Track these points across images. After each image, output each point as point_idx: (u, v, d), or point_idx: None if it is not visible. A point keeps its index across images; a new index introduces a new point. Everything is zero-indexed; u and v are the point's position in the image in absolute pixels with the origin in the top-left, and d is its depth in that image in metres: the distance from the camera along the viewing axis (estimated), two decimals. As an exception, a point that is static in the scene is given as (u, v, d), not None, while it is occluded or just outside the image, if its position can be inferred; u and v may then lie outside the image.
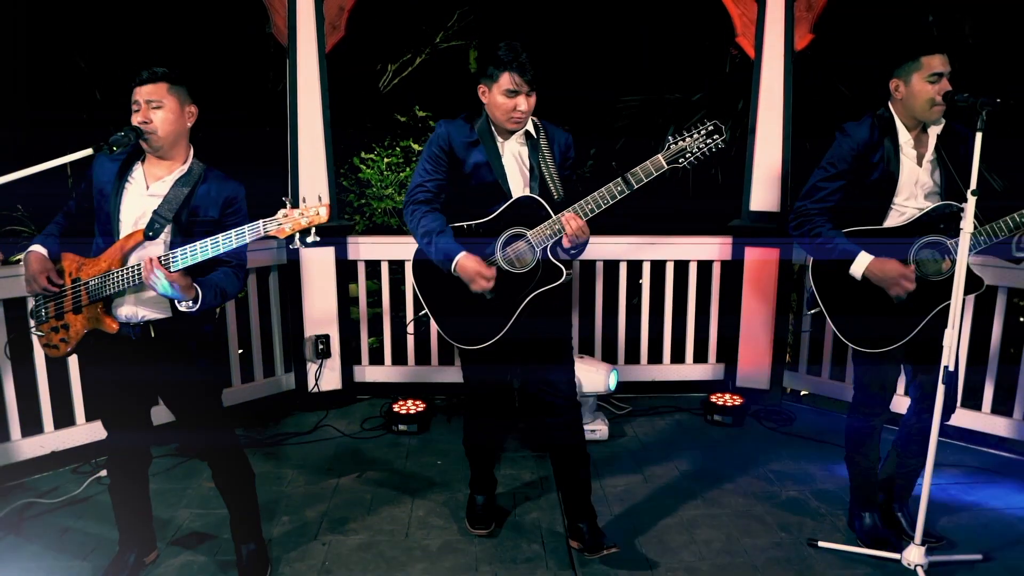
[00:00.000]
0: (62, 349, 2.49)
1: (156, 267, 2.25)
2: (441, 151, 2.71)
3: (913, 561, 2.70)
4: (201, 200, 2.50)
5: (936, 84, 2.61)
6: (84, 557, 2.93)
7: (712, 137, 2.55)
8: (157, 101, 2.40)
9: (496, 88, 2.60)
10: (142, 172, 2.50)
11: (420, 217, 2.69)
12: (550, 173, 2.72)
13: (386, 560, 2.92)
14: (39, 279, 2.43)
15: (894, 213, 2.77)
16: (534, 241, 2.63)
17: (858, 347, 2.82)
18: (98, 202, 2.50)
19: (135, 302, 2.45)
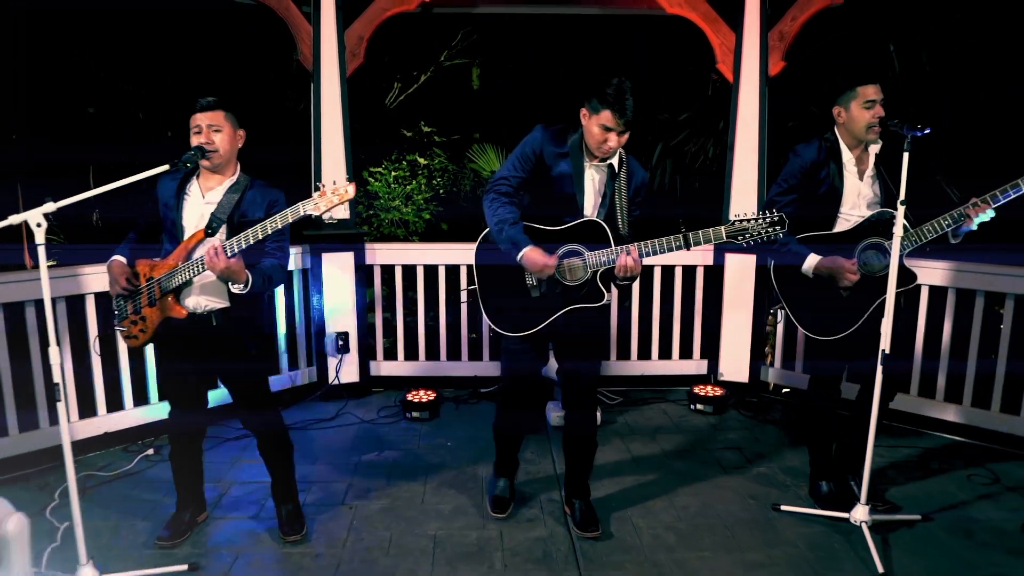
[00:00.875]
0: (140, 339, 2.95)
1: (218, 252, 2.72)
2: (532, 153, 2.96)
3: (859, 518, 3.14)
4: (249, 204, 2.97)
5: (871, 110, 3.09)
6: (144, 518, 3.37)
7: (774, 227, 2.75)
8: (217, 125, 2.88)
9: (595, 120, 2.83)
10: (197, 186, 2.98)
11: (498, 207, 2.95)
12: (621, 205, 2.96)
13: (405, 520, 3.36)
14: (120, 281, 2.90)
15: (841, 220, 3.23)
16: (589, 261, 2.90)
17: (814, 335, 3.28)
18: (164, 214, 2.97)
19: (199, 292, 2.92)
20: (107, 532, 3.23)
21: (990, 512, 3.42)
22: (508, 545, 3.15)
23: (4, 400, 3.77)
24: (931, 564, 2.99)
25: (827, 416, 3.49)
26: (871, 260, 3.17)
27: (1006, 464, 3.92)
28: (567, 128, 3.01)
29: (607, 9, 5.19)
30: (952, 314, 4.26)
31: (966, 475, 3.80)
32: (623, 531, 3.26)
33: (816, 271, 3.18)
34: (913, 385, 4.41)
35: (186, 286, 2.89)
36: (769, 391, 5.07)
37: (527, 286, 3.00)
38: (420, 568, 2.97)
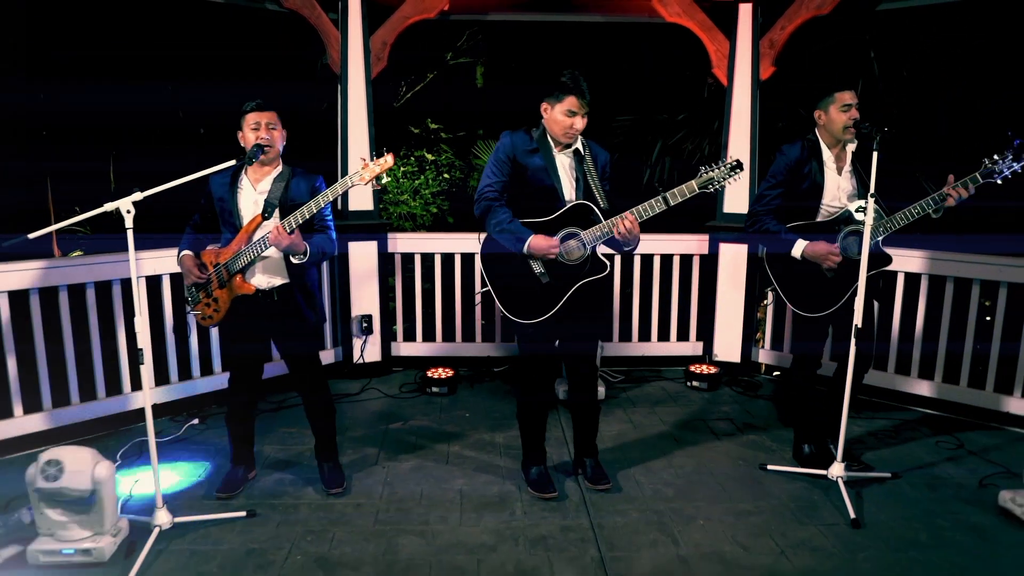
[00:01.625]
0: (215, 318, 3.37)
1: (281, 230, 3.13)
2: (507, 157, 3.30)
3: (836, 474, 3.56)
4: (295, 189, 3.37)
5: (847, 112, 3.50)
6: (198, 476, 3.78)
7: (734, 170, 3.09)
8: (273, 123, 3.29)
9: (559, 107, 3.21)
10: (247, 179, 3.38)
11: (492, 212, 3.28)
12: (595, 184, 3.31)
13: (433, 477, 3.78)
14: (193, 271, 3.32)
15: (823, 211, 3.65)
16: (586, 240, 3.23)
17: (802, 312, 3.70)
18: (220, 207, 3.38)
19: (262, 271, 3.33)
20: (168, 487, 3.63)
21: (952, 471, 3.84)
22: (526, 497, 3.57)
23: (68, 373, 4.17)
24: (896, 512, 3.41)
25: (808, 387, 3.91)
26: (851, 246, 3.58)
27: (972, 433, 4.35)
28: (528, 128, 3.38)
29: (610, 17, 5.60)
30: (926, 298, 4.68)
31: (934, 442, 4.22)
32: (627, 486, 3.68)
33: (804, 255, 3.60)
34: (890, 363, 4.83)
35: (250, 266, 3.30)
36: (761, 372, 5.48)
37: (535, 275, 3.32)
38: (450, 515, 3.39)
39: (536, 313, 3.33)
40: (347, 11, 5.04)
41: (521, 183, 3.34)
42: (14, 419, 4.00)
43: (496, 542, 3.16)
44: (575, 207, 3.30)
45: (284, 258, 3.33)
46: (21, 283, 3.95)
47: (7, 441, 3.96)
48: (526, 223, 3.30)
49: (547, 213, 3.31)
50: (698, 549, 3.11)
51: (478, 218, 3.37)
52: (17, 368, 3.97)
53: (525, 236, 3.24)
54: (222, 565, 2.98)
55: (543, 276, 3.32)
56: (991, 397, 4.46)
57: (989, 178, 3.30)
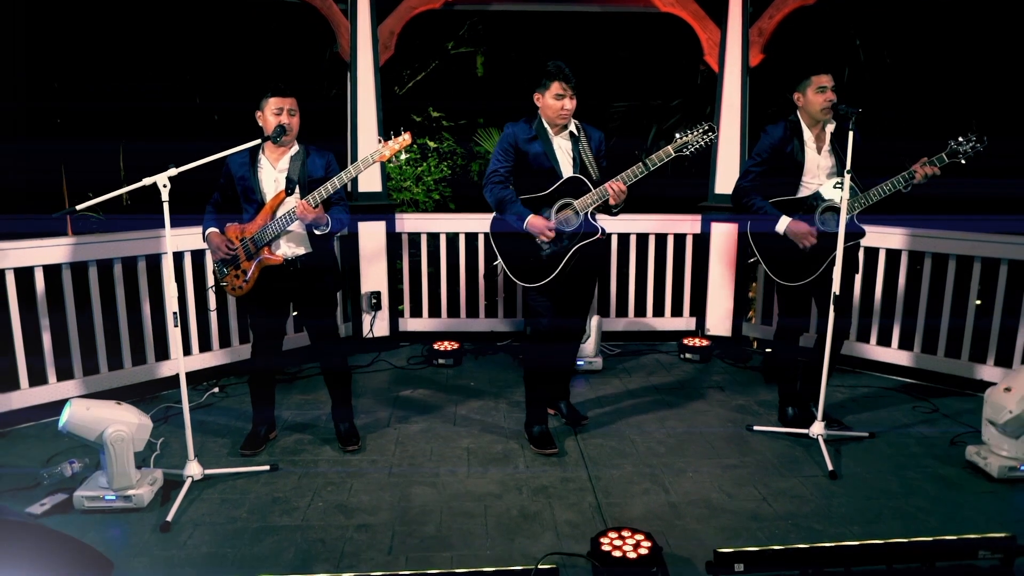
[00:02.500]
0: (245, 288, 3.62)
1: (306, 205, 3.40)
2: (510, 145, 3.66)
3: (816, 432, 3.84)
4: (311, 166, 3.64)
5: (823, 94, 3.76)
6: (223, 436, 4.06)
7: (707, 134, 3.48)
8: (293, 108, 3.54)
9: (548, 93, 3.57)
10: (266, 159, 3.63)
11: (498, 191, 3.66)
12: (589, 160, 3.67)
13: (442, 437, 4.06)
14: (222, 247, 3.57)
15: (803, 187, 3.92)
16: (579, 207, 3.59)
17: (783, 281, 3.97)
18: (241, 186, 3.63)
19: (287, 241, 3.59)
20: (196, 445, 3.88)
21: (926, 432, 4.12)
22: (528, 454, 3.84)
23: (97, 344, 4.44)
24: (871, 466, 3.69)
25: (790, 355, 4.19)
26: (828, 220, 3.85)
27: (947, 399, 4.62)
28: (527, 119, 3.71)
29: (606, 7, 5.84)
30: (905, 272, 4.95)
31: (911, 406, 4.50)
32: (622, 443, 3.96)
33: (786, 231, 3.86)
34: (872, 335, 5.11)
35: (276, 239, 3.56)
36: (749, 344, 5.76)
37: (538, 245, 3.66)
38: (459, 469, 3.67)
39: (541, 277, 3.68)
40: (356, 3, 5.28)
41: (524, 166, 3.69)
42: (48, 385, 4.27)
43: (501, 491, 3.44)
44: (569, 180, 3.64)
45: (306, 230, 3.60)
46: (55, 258, 4.20)
47: (43, 406, 4.23)
48: (526, 199, 3.64)
49: (544, 188, 3.65)
50: (687, 497, 3.39)
51: (487, 198, 3.71)
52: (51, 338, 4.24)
53: (525, 215, 3.60)
54: (251, 510, 3.26)
55: (545, 246, 3.64)
56: (966, 366, 4.73)
57: (954, 158, 3.58)
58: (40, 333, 4.22)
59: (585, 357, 5.10)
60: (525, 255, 3.69)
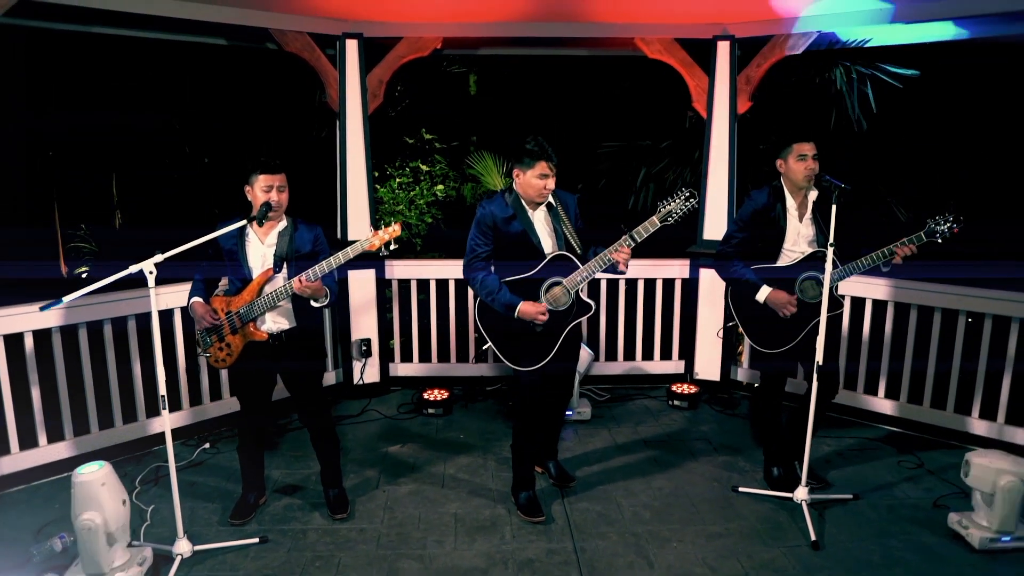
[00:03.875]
0: (228, 361, 3.64)
1: (303, 280, 3.42)
2: (488, 227, 3.64)
3: (800, 497, 3.88)
4: (299, 242, 3.66)
5: (804, 163, 3.81)
6: (212, 501, 4.09)
7: (689, 201, 3.47)
8: (282, 185, 3.56)
9: (531, 172, 3.54)
10: (254, 233, 3.64)
11: (481, 281, 3.64)
12: (569, 232, 3.67)
13: (430, 500, 4.09)
14: (206, 318, 3.58)
15: (784, 254, 3.96)
16: (569, 286, 3.61)
17: (763, 348, 4.01)
18: (228, 259, 3.63)
19: (272, 317, 3.61)
20: (185, 512, 3.92)
21: (910, 492, 4.16)
22: (515, 520, 3.88)
23: (87, 403, 4.46)
24: (854, 532, 3.73)
25: (774, 412, 4.23)
26: (807, 289, 3.89)
27: (934, 452, 4.66)
28: (502, 193, 3.70)
29: (594, 51, 5.87)
30: (892, 322, 4.99)
31: (896, 461, 4.54)
32: (608, 508, 3.99)
33: (767, 300, 3.92)
34: (859, 383, 5.15)
35: (261, 315, 3.58)
36: (738, 387, 5.79)
37: (529, 326, 3.65)
38: (446, 539, 3.70)
39: (534, 359, 3.68)
40: (345, 52, 5.30)
41: (504, 244, 3.67)
42: (39, 448, 4.29)
43: (487, 566, 3.47)
44: (554, 259, 3.64)
45: (292, 304, 3.62)
46: (45, 322, 4.22)
47: (34, 469, 4.26)
48: (511, 281, 3.63)
49: (529, 269, 3.63)
50: (670, 571, 3.43)
51: (469, 285, 3.70)
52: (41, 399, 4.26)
53: (515, 303, 3.58)
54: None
55: (536, 326, 3.63)
56: (951, 417, 4.78)
57: (932, 237, 3.62)
58: (29, 393, 4.24)
59: (573, 407, 5.13)
60: (516, 335, 3.68)
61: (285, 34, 5.15)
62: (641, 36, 5.41)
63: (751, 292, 3.95)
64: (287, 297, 3.53)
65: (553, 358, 3.67)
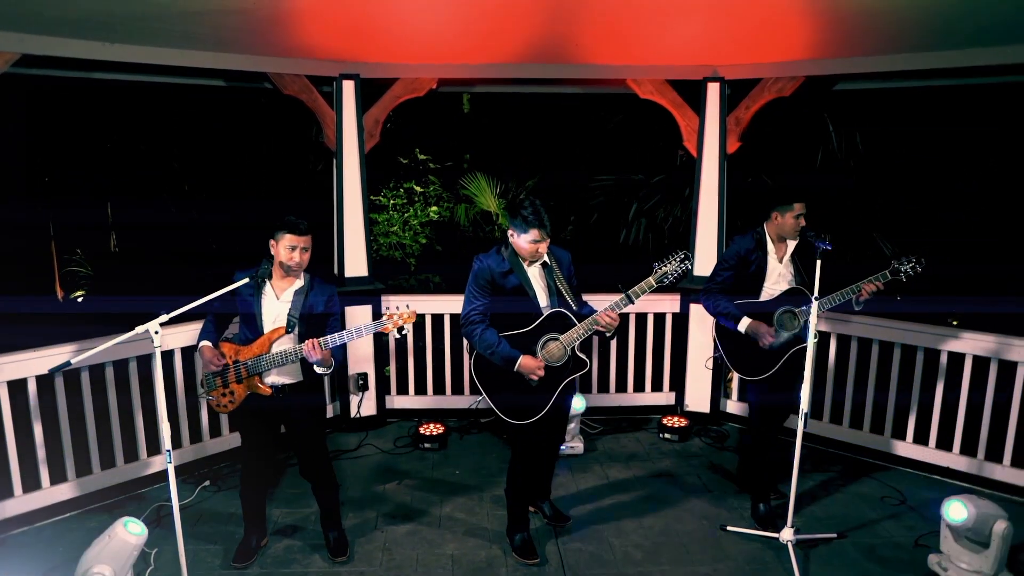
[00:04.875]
0: (229, 408, 3.74)
1: (315, 347, 3.53)
2: (486, 281, 3.71)
3: (785, 538, 4.00)
4: (313, 301, 3.76)
5: (799, 220, 4.09)
6: (215, 542, 4.18)
7: (683, 262, 3.66)
8: (307, 246, 3.66)
9: (524, 237, 3.62)
10: (271, 287, 3.74)
11: (480, 334, 3.69)
12: (565, 288, 3.77)
13: (428, 541, 4.19)
14: (214, 362, 3.68)
15: (765, 292, 4.25)
16: (565, 342, 3.71)
17: (743, 375, 4.34)
18: (242, 307, 3.74)
19: (277, 373, 3.72)
20: (189, 555, 3.99)
21: (892, 530, 4.29)
22: (511, 562, 3.99)
23: (89, 443, 4.55)
24: (837, 574, 3.85)
25: (764, 449, 4.39)
26: (785, 321, 4.18)
27: (916, 487, 4.80)
28: (498, 248, 3.80)
29: (588, 89, 6.00)
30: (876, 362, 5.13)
31: (880, 497, 4.67)
32: (600, 548, 4.11)
33: (747, 331, 4.19)
34: (845, 417, 5.29)
35: (267, 370, 3.69)
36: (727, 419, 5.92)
37: (525, 380, 3.74)
38: (443, 583, 3.81)
39: (530, 413, 3.77)
40: (342, 93, 5.41)
41: (502, 299, 3.76)
42: (42, 490, 4.37)
43: (484, 611, 3.58)
44: (552, 315, 3.74)
45: (301, 362, 3.73)
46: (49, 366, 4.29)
47: (37, 511, 4.34)
48: (509, 336, 3.72)
49: (527, 322, 3.73)
50: (661, 616, 3.55)
51: (467, 339, 3.78)
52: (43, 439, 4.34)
53: (515, 357, 3.67)
54: (242, 638, 3.38)
55: (532, 381, 3.73)
56: (932, 452, 4.92)
57: (896, 275, 4.00)
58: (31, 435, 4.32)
59: (566, 441, 5.25)
60: (512, 390, 3.76)
61: (283, 76, 5.25)
62: (633, 77, 5.55)
63: (733, 323, 4.22)
64: (296, 359, 3.64)
65: (547, 412, 3.78)
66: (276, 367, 3.67)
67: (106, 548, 3.33)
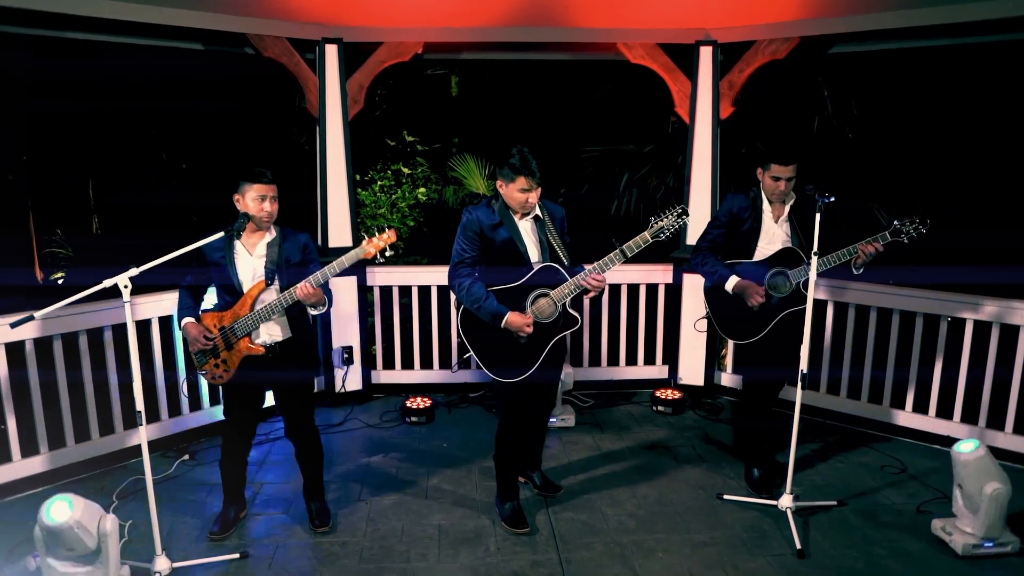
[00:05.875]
0: (226, 377, 3.58)
1: (309, 288, 3.40)
2: (475, 233, 3.56)
3: (784, 505, 3.87)
4: (288, 251, 3.61)
5: (776, 183, 3.96)
6: (192, 515, 4.02)
7: (681, 218, 3.49)
8: (275, 195, 3.50)
9: (512, 186, 3.48)
10: (242, 245, 3.58)
11: (468, 288, 3.52)
12: (556, 243, 3.64)
13: (413, 512, 4.05)
14: (200, 339, 3.51)
15: (758, 251, 4.09)
16: (556, 298, 3.57)
17: (730, 339, 4.23)
18: (215, 271, 3.56)
19: (267, 331, 3.58)
20: (164, 527, 3.84)
21: (894, 497, 4.17)
22: (499, 532, 3.84)
23: (63, 416, 4.38)
24: (838, 540, 3.72)
25: (761, 416, 4.27)
26: (779, 285, 4.01)
27: (916, 455, 4.68)
28: (488, 200, 3.66)
29: (578, 55, 5.85)
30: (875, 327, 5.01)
31: (880, 466, 4.55)
32: (593, 517, 3.97)
33: (734, 289, 4.04)
34: (842, 388, 5.16)
35: (256, 328, 3.53)
36: (722, 392, 5.79)
37: (514, 337, 3.59)
38: (430, 552, 3.66)
39: (517, 370, 3.62)
40: (324, 57, 5.24)
41: (490, 252, 3.61)
42: (13, 463, 4.20)
43: (472, 579, 3.44)
44: (542, 269, 3.58)
45: (287, 315, 3.59)
46: (18, 335, 4.13)
47: (7, 484, 4.17)
48: (498, 290, 3.56)
49: (516, 277, 3.58)
50: (656, 582, 3.41)
51: (454, 292, 3.63)
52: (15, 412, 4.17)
53: (502, 313, 3.51)
54: (219, 609, 3.23)
55: (521, 337, 3.58)
56: (932, 421, 4.80)
57: (896, 237, 3.78)
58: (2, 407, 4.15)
59: (557, 414, 5.11)
60: (500, 346, 3.61)
61: (263, 39, 5.08)
62: (624, 41, 5.40)
63: (721, 283, 4.08)
64: (282, 309, 3.50)
65: (537, 370, 3.63)
66: (263, 322, 3.52)
67: (40, 540, 3.16)
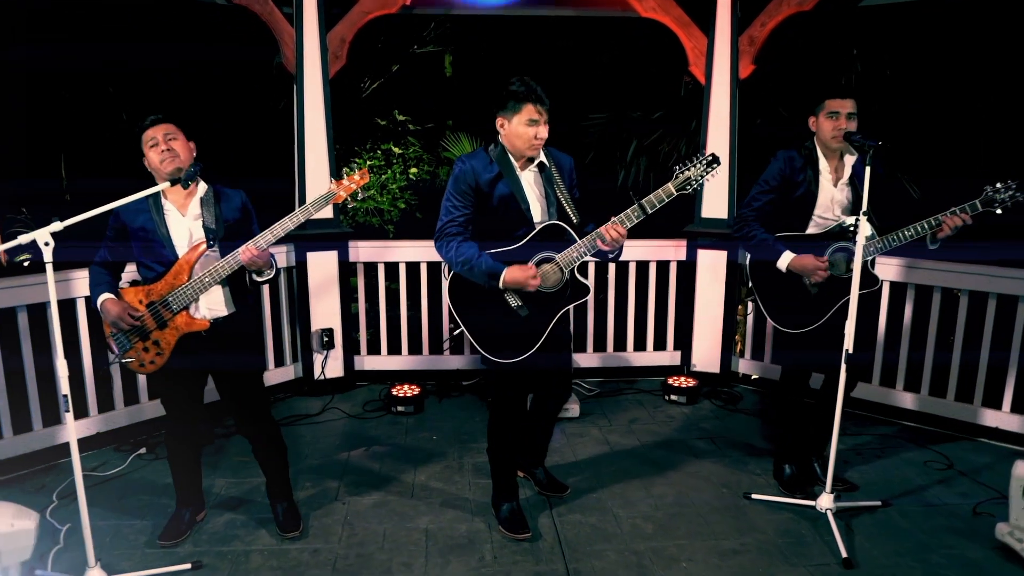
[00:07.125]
0: (158, 363, 3.01)
1: (254, 250, 2.87)
2: (469, 187, 2.99)
3: (824, 506, 3.36)
4: (225, 210, 3.07)
5: (834, 120, 3.32)
6: (142, 517, 3.48)
7: (711, 166, 2.90)
8: (172, 133, 2.95)
9: (518, 119, 2.92)
10: (171, 204, 3.01)
11: (455, 248, 2.98)
12: (565, 198, 3.08)
13: (397, 514, 3.52)
14: (124, 317, 2.93)
15: (814, 223, 3.47)
16: (563, 263, 3.01)
17: (782, 328, 3.52)
18: (140, 239, 2.98)
19: (208, 304, 3.02)
20: (108, 532, 3.33)
21: (944, 496, 3.67)
22: (496, 537, 3.32)
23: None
24: (890, 547, 3.21)
25: (796, 406, 3.72)
26: (839, 262, 3.39)
27: (960, 449, 4.18)
28: (485, 147, 3.10)
29: (582, 11, 5.32)
30: (912, 307, 4.50)
31: (923, 461, 4.04)
32: (604, 521, 3.45)
33: (790, 267, 3.41)
34: (875, 375, 4.65)
35: (195, 300, 2.98)
36: (739, 381, 5.28)
37: (513, 309, 3.05)
38: (415, 562, 3.13)
39: (517, 350, 3.05)
40: (302, 6, 4.70)
41: (485, 209, 3.05)
42: (-62, 457, 3.67)
43: (464, 594, 2.92)
44: (546, 228, 3.04)
45: (229, 287, 3.04)
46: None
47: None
48: (494, 253, 3.01)
49: (517, 238, 3.03)
50: (681, 598, 2.90)
51: (441, 255, 3.07)
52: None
53: (498, 270, 2.95)
54: (161, 631, 2.70)
55: (521, 309, 3.04)
56: (978, 411, 4.30)
57: (989, 207, 3.13)
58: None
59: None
60: (496, 321, 3.05)
61: (232, -17, 4.54)
62: (633, -9, 4.87)
63: (772, 259, 3.45)
64: (225, 276, 2.95)
65: (540, 348, 3.07)
66: (204, 292, 2.96)
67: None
